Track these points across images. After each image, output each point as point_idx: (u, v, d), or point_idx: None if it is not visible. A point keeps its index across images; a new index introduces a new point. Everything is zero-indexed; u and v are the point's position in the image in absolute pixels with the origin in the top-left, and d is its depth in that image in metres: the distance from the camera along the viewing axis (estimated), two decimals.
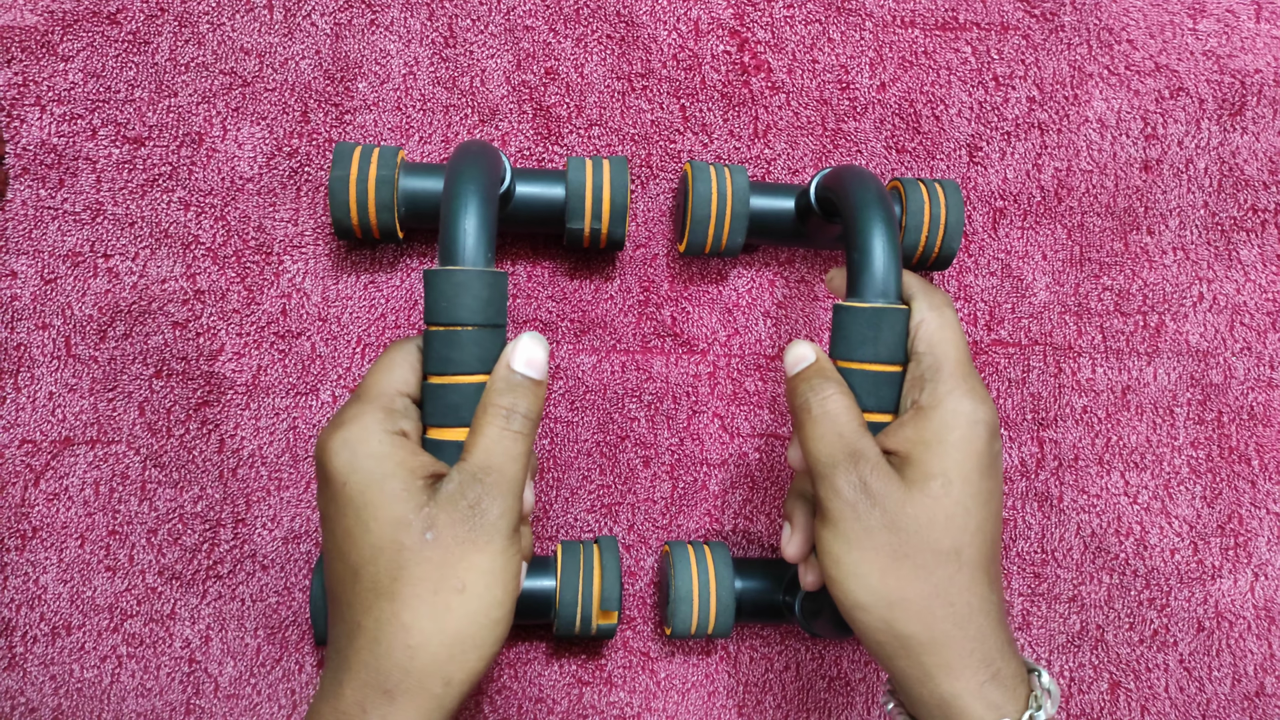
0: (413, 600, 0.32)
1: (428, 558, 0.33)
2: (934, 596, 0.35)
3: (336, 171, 0.46)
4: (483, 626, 0.33)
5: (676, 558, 0.49)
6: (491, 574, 0.33)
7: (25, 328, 0.50)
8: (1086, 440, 0.56)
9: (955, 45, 0.56)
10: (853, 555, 0.36)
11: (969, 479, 0.36)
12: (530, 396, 0.35)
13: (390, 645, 0.32)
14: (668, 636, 0.50)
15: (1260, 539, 0.56)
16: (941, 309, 0.39)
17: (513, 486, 0.34)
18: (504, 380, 0.36)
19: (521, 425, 0.35)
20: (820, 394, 0.38)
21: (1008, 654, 0.36)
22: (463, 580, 0.33)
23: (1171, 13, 0.57)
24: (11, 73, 0.50)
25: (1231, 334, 0.57)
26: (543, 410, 0.36)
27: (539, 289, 0.53)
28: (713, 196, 0.48)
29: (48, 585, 0.49)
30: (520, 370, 0.36)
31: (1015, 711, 0.35)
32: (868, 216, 0.40)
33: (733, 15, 0.54)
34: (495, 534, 0.33)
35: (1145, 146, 0.57)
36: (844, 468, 0.36)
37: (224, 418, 0.50)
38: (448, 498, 0.33)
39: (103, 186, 0.50)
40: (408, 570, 0.33)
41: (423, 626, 0.32)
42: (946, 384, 0.37)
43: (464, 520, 0.33)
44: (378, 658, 0.33)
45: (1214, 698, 0.56)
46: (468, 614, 0.33)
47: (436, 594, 0.33)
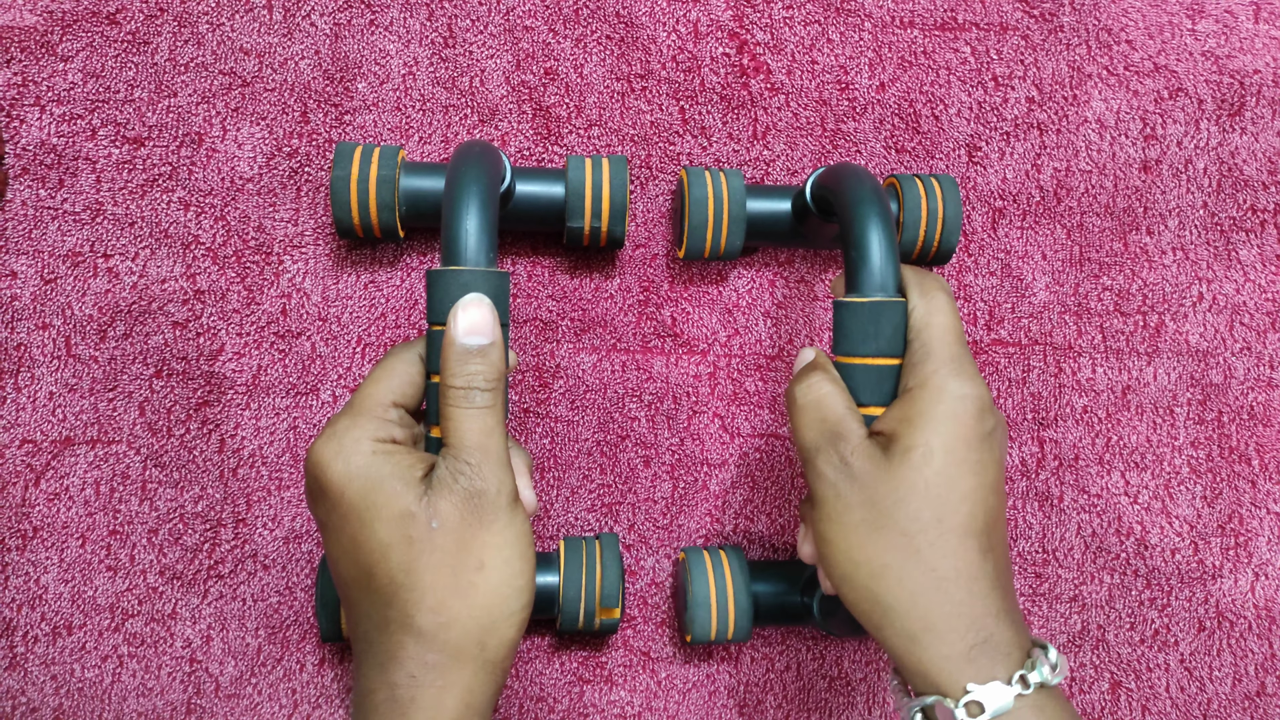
0: (436, 586, 0.33)
1: (440, 545, 0.33)
2: (914, 563, 0.35)
3: (338, 171, 0.46)
4: (509, 596, 0.34)
5: (693, 564, 0.49)
6: (505, 546, 0.34)
7: (25, 328, 0.50)
8: (1086, 440, 0.56)
9: (954, 45, 0.56)
10: (836, 532, 0.37)
11: (953, 449, 0.36)
12: (483, 363, 0.35)
13: (423, 626, 0.33)
14: (688, 643, 0.50)
15: (1260, 539, 0.56)
16: (932, 295, 0.39)
17: (498, 458, 0.35)
18: (454, 358, 0.35)
19: (484, 399, 0.35)
20: (805, 383, 0.39)
21: (1004, 621, 0.35)
22: (480, 558, 0.34)
23: (1170, 13, 0.57)
24: (11, 73, 0.50)
25: (1231, 334, 0.57)
26: (504, 364, 0.35)
27: (539, 288, 0.53)
28: (709, 201, 0.48)
29: (48, 585, 0.49)
30: (465, 342, 0.35)
31: (1006, 676, 0.34)
32: (862, 212, 0.40)
33: (732, 17, 0.54)
34: (498, 509, 0.34)
35: (1144, 147, 0.57)
36: (825, 450, 0.37)
37: (224, 418, 0.50)
38: (443, 485, 0.34)
39: (103, 186, 0.50)
40: (422, 560, 0.33)
41: (451, 606, 0.34)
42: (933, 365, 0.37)
43: (465, 503, 0.34)
44: (415, 638, 0.34)
45: (1215, 698, 0.56)
46: (492, 588, 0.34)
47: (457, 576, 0.34)
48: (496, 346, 0.35)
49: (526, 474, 0.39)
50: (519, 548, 0.35)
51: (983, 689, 0.34)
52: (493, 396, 0.35)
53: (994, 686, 0.34)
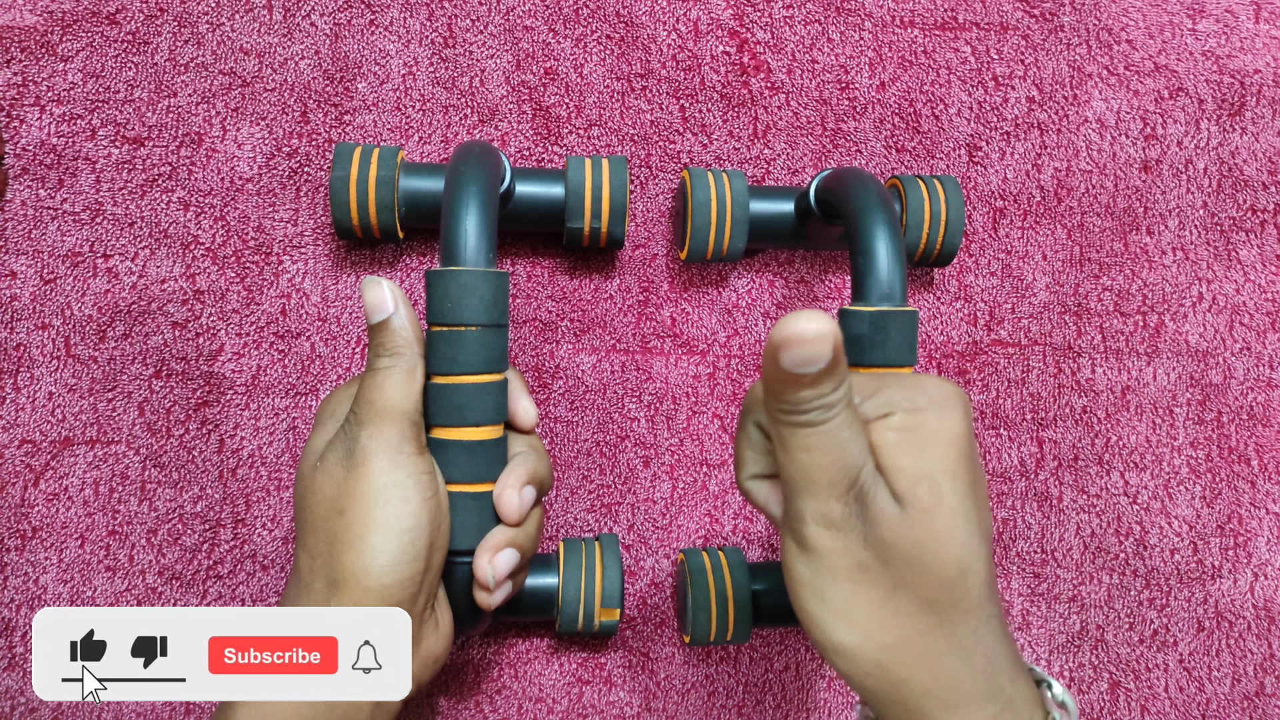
0: (313, 526, 0.35)
1: (319, 485, 0.36)
2: (935, 632, 0.30)
3: (337, 172, 0.46)
4: (362, 551, 0.34)
5: (692, 565, 0.49)
6: (366, 496, 0.34)
7: (25, 328, 0.50)
8: (1086, 440, 0.56)
9: (955, 45, 0.56)
10: (839, 591, 0.31)
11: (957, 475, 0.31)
12: (384, 334, 0.37)
13: (300, 564, 0.36)
14: (687, 644, 0.50)
15: (1260, 539, 0.56)
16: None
17: (382, 412, 0.36)
18: (369, 338, 0.38)
19: (384, 362, 0.37)
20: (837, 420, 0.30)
21: (1017, 675, 0.31)
22: (342, 504, 0.35)
23: (1171, 13, 0.57)
24: (11, 73, 0.50)
25: (1231, 334, 0.57)
26: (406, 333, 0.37)
27: (539, 288, 0.53)
28: (712, 203, 0.48)
29: (48, 585, 0.49)
30: (370, 322, 0.37)
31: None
32: (870, 220, 0.40)
33: (732, 16, 0.54)
34: (366, 456, 0.35)
35: (1145, 147, 0.57)
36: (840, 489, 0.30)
37: (224, 418, 0.50)
38: (340, 432, 0.36)
39: (102, 186, 0.50)
40: (307, 498, 0.36)
41: (320, 550, 0.35)
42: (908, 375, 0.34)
43: (341, 446, 0.36)
44: (295, 572, 0.36)
45: (1214, 698, 0.56)
46: (347, 538, 0.34)
47: (326, 520, 0.35)
48: (396, 319, 0.37)
49: (521, 388, 0.41)
50: (385, 503, 0.34)
51: None
52: (391, 360, 0.37)
53: None
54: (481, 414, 0.37)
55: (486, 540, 0.38)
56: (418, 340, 0.38)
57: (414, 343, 0.37)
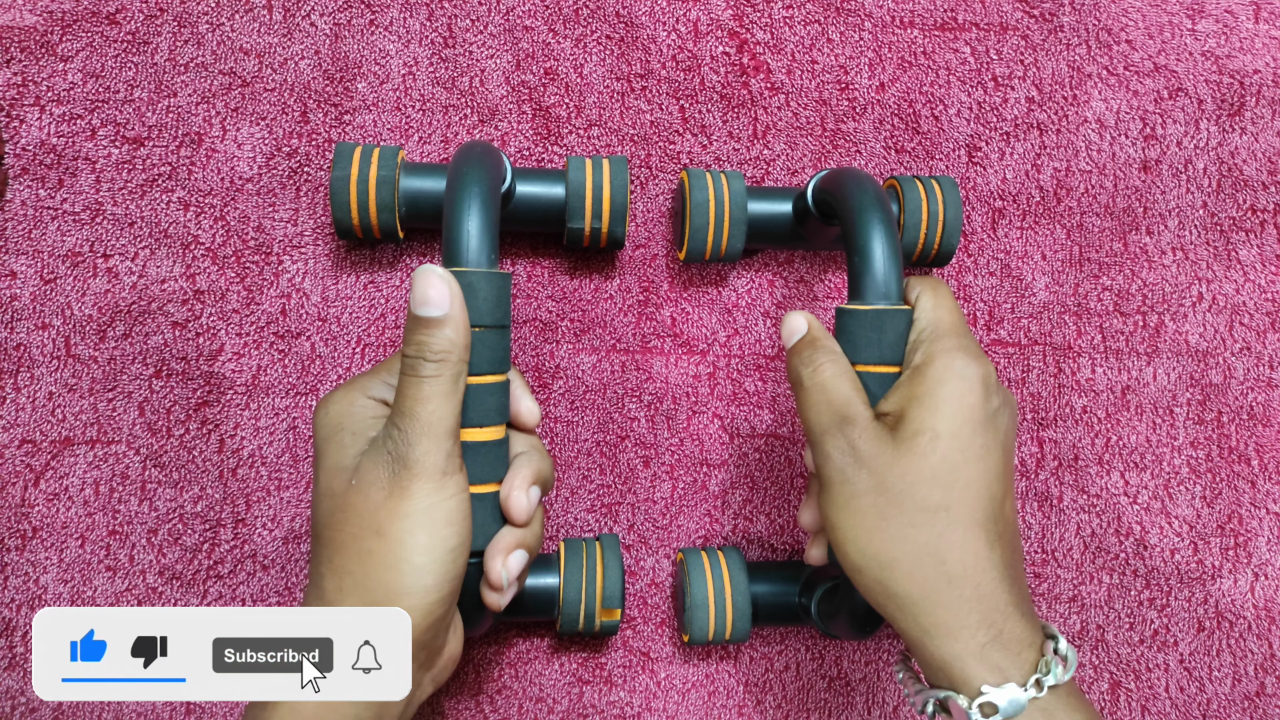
0: (342, 545, 0.34)
1: (351, 504, 0.34)
2: (923, 554, 0.35)
3: (337, 172, 0.46)
4: (406, 572, 0.33)
5: (691, 565, 0.49)
6: (410, 517, 0.33)
7: (25, 328, 0.50)
8: (1086, 440, 0.56)
9: (954, 45, 0.56)
10: (845, 519, 0.36)
11: (958, 434, 0.36)
12: (433, 334, 0.34)
13: (326, 587, 0.34)
14: (686, 644, 0.50)
15: (1260, 539, 0.56)
16: (937, 286, 0.40)
17: (430, 429, 0.34)
18: (407, 328, 0.35)
19: (429, 370, 0.34)
20: (810, 365, 0.38)
21: (1014, 615, 0.35)
22: (380, 525, 0.33)
23: (1170, 13, 0.57)
24: (11, 73, 0.50)
25: (1231, 334, 0.57)
26: (458, 337, 0.35)
27: (539, 288, 0.53)
28: (710, 203, 0.48)
29: (48, 585, 0.49)
30: (417, 313, 0.35)
31: (1020, 676, 0.34)
32: (866, 219, 0.40)
33: (732, 16, 0.54)
34: (413, 478, 0.33)
35: (1144, 147, 0.57)
36: (833, 433, 0.37)
37: (224, 418, 0.50)
38: (375, 447, 0.35)
39: (102, 186, 0.50)
40: (336, 516, 0.34)
41: (351, 570, 0.34)
42: (941, 344, 0.37)
43: (385, 467, 0.34)
44: (318, 593, 0.35)
45: (1214, 698, 0.56)
46: (387, 560, 0.33)
47: (358, 540, 0.34)
48: (451, 321, 0.35)
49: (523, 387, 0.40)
50: (427, 522, 0.33)
51: (997, 691, 0.34)
52: (438, 368, 0.34)
53: (1008, 689, 0.34)
54: (486, 415, 0.37)
55: (497, 542, 0.37)
56: (467, 346, 0.35)
57: (464, 349, 0.35)
